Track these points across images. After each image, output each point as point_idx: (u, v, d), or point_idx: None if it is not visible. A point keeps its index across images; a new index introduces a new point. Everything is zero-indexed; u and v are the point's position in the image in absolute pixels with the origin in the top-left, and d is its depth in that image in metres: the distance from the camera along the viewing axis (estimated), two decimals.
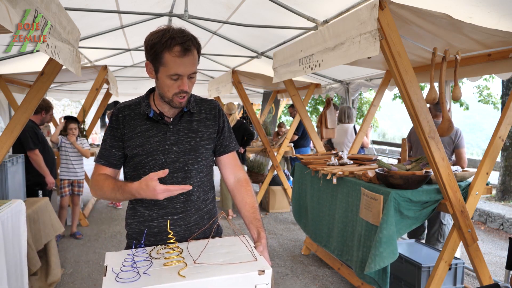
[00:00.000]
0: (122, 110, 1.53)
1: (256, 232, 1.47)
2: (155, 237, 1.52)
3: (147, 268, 1.21)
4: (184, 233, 1.52)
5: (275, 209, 6.20)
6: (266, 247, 1.41)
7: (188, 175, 1.52)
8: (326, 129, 4.83)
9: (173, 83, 1.41)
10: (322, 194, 3.62)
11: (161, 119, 1.51)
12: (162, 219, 1.51)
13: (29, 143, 3.93)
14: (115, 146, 1.52)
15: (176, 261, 1.25)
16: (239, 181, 1.62)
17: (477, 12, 2.50)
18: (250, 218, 1.52)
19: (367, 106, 12.68)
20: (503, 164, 6.52)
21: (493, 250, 4.66)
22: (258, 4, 3.74)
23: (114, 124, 1.53)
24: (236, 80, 5.60)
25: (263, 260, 1.26)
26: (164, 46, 1.36)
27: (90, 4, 3.61)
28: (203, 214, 1.58)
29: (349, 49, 2.32)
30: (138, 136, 1.50)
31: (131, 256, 1.28)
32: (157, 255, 1.33)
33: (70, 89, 7.91)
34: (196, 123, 1.55)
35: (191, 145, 1.52)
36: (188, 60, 1.39)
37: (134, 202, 1.56)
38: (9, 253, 2.48)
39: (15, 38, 1.54)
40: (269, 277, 1.18)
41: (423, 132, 2.39)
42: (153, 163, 1.49)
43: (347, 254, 3.16)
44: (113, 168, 1.54)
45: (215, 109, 1.61)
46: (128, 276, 1.15)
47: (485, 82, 9.99)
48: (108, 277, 1.18)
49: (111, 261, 1.29)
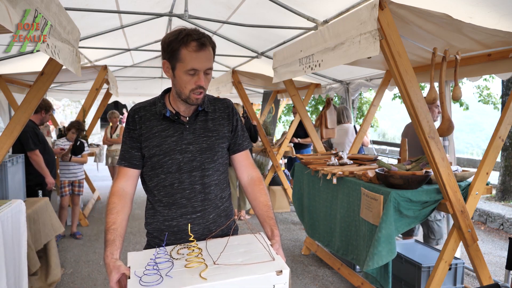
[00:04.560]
0: (137, 111, 1.55)
1: (270, 230, 1.52)
2: (175, 236, 1.54)
3: (169, 270, 1.22)
4: (203, 231, 1.54)
5: (275, 209, 6.20)
6: (281, 245, 1.46)
7: (206, 174, 1.54)
8: (326, 129, 4.83)
9: (190, 79, 1.44)
10: (322, 194, 3.62)
11: (177, 118, 1.52)
12: (182, 218, 1.53)
13: (30, 144, 3.92)
14: (134, 147, 1.54)
15: (198, 262, 1.26)
16: (253, 180, 1.65)
17: (477, 12, 2.50)
18: (263, 216, 1.57)
19: (367, 106, 12.67)
20: (503, 164, 6.52)
21: (493, 250, 4.66)
22: (258, 4, 3.74)
23: (131, 125, 1.55)
24: (236, 80, 5.60)
25: (280, 259, 1.28)
26: (181, 43, 1.41)
27: (90, 4, 3.61)
28: (220, 212, 1.60)
29: (349, 49, 2.33)
30: (155, 136, 1.51)
31: (153, 258, 1.29)
32: (178, 255, 1.34)
33: (70, 89, 7.91)
34: (211, 122, 1.58)
35: (207, 144, 1.54)
36: (204, 55, 1.43)
37: (153, 202, 1.57)
38: (8, 253, 2.48)
39: (15, 38, 1.54)
40: (287, 277, 1.20)
41: (423, 132, 2.39)
42: (170, 163, 1.51)
43: (352, 253, 3.15)
44: (136, 169, 1.56)
45: (228, 107, 1.64)
46: (152, 280, 1.16)
47: (485, 82, 9.99)
48: (132, 280, 1.19)
49: (133, 262, 1.30)
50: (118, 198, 1.49)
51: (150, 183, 1.57)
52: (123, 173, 1.55)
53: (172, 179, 1.52)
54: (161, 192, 1.54)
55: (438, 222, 3.60)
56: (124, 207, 1.49)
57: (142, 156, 1.55)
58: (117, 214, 1.46)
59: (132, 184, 1.56)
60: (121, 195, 1.50)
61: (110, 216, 1.44)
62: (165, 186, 1.53)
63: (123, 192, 1.52)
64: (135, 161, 1.55)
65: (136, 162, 1.55)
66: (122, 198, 1.50)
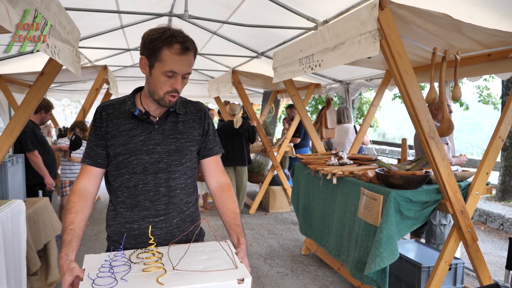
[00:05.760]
0: (105, 108, 1.51)
1: (236, 238, 1.46)
2: (135, 240, 1.49)
3: (125, 274, 1.18)
4: (166, 235, 1.50)
5: (275, 209, 6.20)
6: (246, 254, 1.39)
7: (172, 176, 1.49)
8: (326, 129, 4.84)
9: (167, 81, 1.40)
10: (321, 194, 3.62)
11: (146, 118, 1.48)
12: (143, 221, 1.48)
13: (28, 144, 3.91)
14: (100, 145, 1.49)
15: (156, 267, 1.22)
16: (221, 186, 1.60)
17: (477, 12, 2.50)
18: (230, 224, 1.51)
19: (367, 106, 12.67)
20: (503, 164, 6.52)
21: (493, 250, 4.65)
22: (258, 4, 3.74)
23: (97, 122, 1.50)
24: (236, 80, 5.60)
25: (243, 268, 1.24)
26: (164, 43, 1.36)
27: (90, 4, 3.61)
28: (185, 216, 1.55)
29: (349, 49, 2.33)
30: (121, 135, 1.47)
31: (109, 260, 1.25)
32: (137, 260, 1.30)
33: (70, 89, 7.91)
34: (182, 124, 1.53)
35: (176, 146, 1.50)
36: (186, 59, 1.40)
37: (115, 203, 1.52)
38: (8, 253, 2.48)
39: (15, 38, 1.54)
40: (248, 285, 1.16)
41: (423, 132, 2.39)
42: (136, 163, 1.46)
43: (343, 255, 3.16)
44: (100, 168, 1.51)
45: (201, 111, 1.59)
46: (105, 283, 1.12)
47: (485, 82, 10.00)
48: (84, 282, 1.16)
49: (89, 264, 1.26)
50: (78, 198, 1.44)
51: (114, 183, 1.51)
52: (87, 171, 1.50)
53: (137, 180, 1.47)
54: (125, 193, 1.49)
55: (442, 227, 3.55)
56: (84, 207, 1.44)
57: (107, 155, 1.50)
58: (76, 214, 1.41)
59: (95, 184, 1.51)
60: (82, 194, 1.46)
61: (68, 216, 1.40)
62: (129, 187, 1.48)
63: (85, 191, 1.47)
64: (100, 159, 1.50)
65: (101, 160, 1.50)
66: (83, 197, 1.45)
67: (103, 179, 1.57)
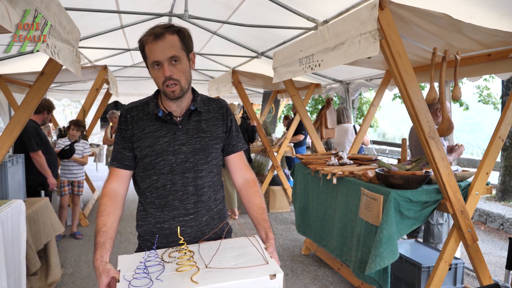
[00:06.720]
0: (130, 111, 1.53)
1: (264, 233, 1.48)
2: (166, 239, 1.51)
3: (159, 274, 1.20)
4: (196, 233, 1.52)
5: (275, 209, 6.20)
6: (275, 248, 1.42)
7: (199, 175, 1.51)
8: (326, 129, 4.84)
9: (158, 73, 1.42)
10: (322, 194, 3.62)
11: (170, 118, 1.50)
12: (174, 220, 1.50)
13: (32, 144, 3.90)
14: (126, 147, 1.51)
15: (189, 266, 1.24)
16: (247, 182, 1.62)
17: (477, 12, 2.50)
18: (258, 219, 1.53)
19: (367, 106, 12.68)
20: (503, 164, 6.52)
21: (493, 250, 4.65)
22: (258, 4, 3.74)
23: (123, 125, 1.52)
24: (236, 80, 5.59)
25: (274, 263, 1.25)
26: (142, 40, 1.43)
27: (90, 4, 3.61)
28: (213, 214, 1.57)
29: (349, 49, 2.32)
30: (147, 137, 1.49)
31: (143, 261, 1.26)
32: (169, 259, 1.32)
33: (70, 89, 7.91)
34: (205, 123, 1.55)
35: (200, 145, 1.51)
36: (162, 44, 1.39)
37: (144, 203, 1.55)
38: (8, 253, 2.48)
39: (15, 38, 1.54)
40: (280, 281, 1.17)
41: (423, 132, 2.39)
42: (163, 164, 1.48)
43: (346, 255, 3.16)
44: (128, 170, 1.53)
45: (223, 108, 1.61)
46: (142, 283, 1.14)
47: (485, 82, 10.00)
48: (121, 284, 1.17)
49: (124, 265, 1.28)
50: (109, 200, 1.47)
51: (142, 184, 1.54)
52: (115, 174, 1.52)
53: (165, 180, 1.49)
54: (154, 194, 1.51)
55: (439, 226, 3.57)
56: (115, 208, 1.46)
57: (134, 157, 1.52)
58: (108, 216, 1.43)
59: (124, 185, 1.53)
60: (112, 197, 1.48)
61: (100, 218, 1.42)
62: (158, 188, 1.50)
63: (114, 193, 1.49)
64: (127, 162, 1.52)
65: (128, 163, 1.52)
66: (113, 199, 1.48)
67: (131, 181, 1.59)
